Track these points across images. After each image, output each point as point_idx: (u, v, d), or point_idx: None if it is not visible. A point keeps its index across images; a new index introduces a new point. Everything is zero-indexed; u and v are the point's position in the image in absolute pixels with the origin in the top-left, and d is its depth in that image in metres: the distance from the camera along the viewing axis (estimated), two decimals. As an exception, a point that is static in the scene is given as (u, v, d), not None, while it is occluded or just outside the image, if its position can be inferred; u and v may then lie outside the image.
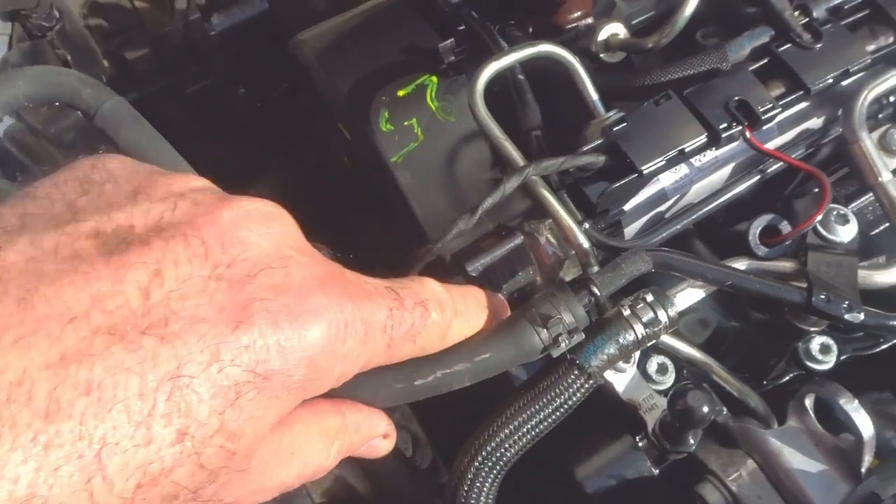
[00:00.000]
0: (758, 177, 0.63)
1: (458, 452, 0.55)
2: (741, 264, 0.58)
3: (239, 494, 0.33)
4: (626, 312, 0.55)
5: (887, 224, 0.63)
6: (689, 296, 0.59)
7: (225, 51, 1.19)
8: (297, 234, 0.36)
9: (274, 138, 1.21)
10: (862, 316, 0.54)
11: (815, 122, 0.67)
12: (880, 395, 0.71)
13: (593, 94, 0.65)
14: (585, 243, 0.58)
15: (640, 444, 0.63)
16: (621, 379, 0.63)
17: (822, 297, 0.54)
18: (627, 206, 0.62)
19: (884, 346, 0.67)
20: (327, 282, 0.35)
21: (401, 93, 0.73)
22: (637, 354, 0.63)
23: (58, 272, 0.29)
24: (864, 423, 0.56)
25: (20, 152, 0.67)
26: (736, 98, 0.59)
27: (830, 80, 0.61)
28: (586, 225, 0.59)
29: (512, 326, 0.54)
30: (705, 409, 0.54)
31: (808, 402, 0.60)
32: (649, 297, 0.55)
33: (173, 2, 1.15)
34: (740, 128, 0.58)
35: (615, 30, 0.71)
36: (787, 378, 0.68)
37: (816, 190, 0.64)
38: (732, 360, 0.68)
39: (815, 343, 0.66)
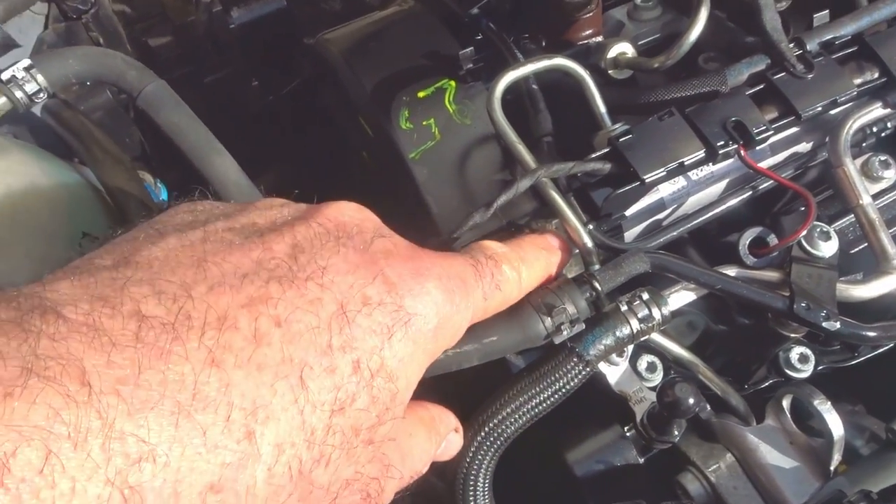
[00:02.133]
0: (749, 192, 0.68)
1: (465, 428, 0.60)
2: (730, 271, 0.63)
3: (394, 459, 0.39)
4: (624, 308, 0.60)
5: (866, 244, 0.68)
6: (681, 297, 0.64)
7: (242, 44, 1.23)
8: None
9: (281, 131, 1.26)
10: (838, 325, 0.59)
11: (804, 147, 0.72)
12: (853, 407, 0.77)
13: (601, 107, 0.70)
14: (589, 243, 0.63)
15: (627, 434, 0.68)
16: (614, 372, 0.68)
17: (803, 305, 0.59)
18: (628, 212, 0.67)
19: (858, 360, 0.73)
20: (420, 249, 0.42)
21: (421, 94, 0.78)
22: (630, 349, 0.68)
23: (215, 248, 0.34)
24: (835, 423, 0.61)
25: (58, 125, 0.71)
26: (733, 119, 0.64)
27: (819, 108, 0.66)
28: (590, 226, 0.64)
29: (519, 313, 0.59)
30: (691, 400, 0.59)
31: (786, 403, 0.65)
32: (645, 296, 0.60)
33: (198, -7, 1.19)
34: (736, 146, 0.63)
35: (624, 49, 0.76)
36: (767, 384, 0.73)
37: (803, 208, 0.70)
38: (717, 363, 0.73)
39: (795, 353, 0.72)
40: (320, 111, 1.01)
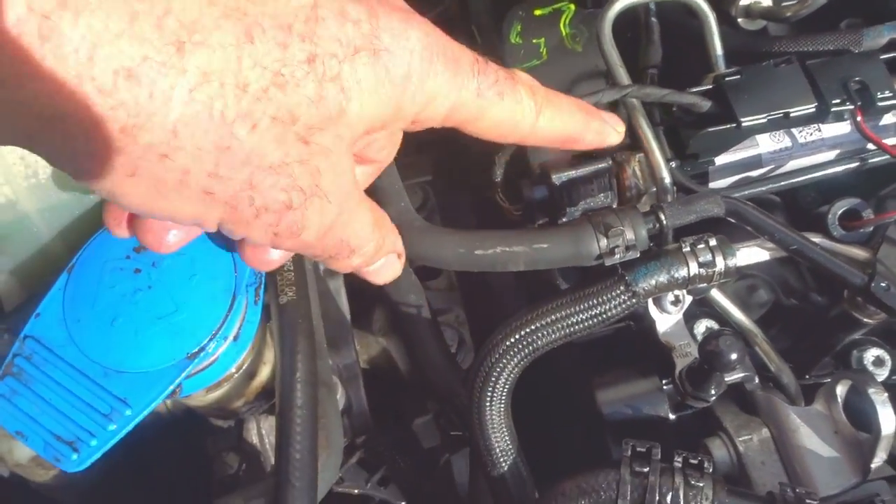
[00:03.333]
0: (856, 164, 0.63)
1: (496, 330, 0.60)
2: (814, 238, 0.59)
3: (328, 191, 0.37)
4: (686, 249, 0.57)
5: (978, 247, 0.62)
6: (752, 254, 0.60)
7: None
8: None
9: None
10: (917, 314, 0.54)
11: (938, 134, 0.65)
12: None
13: (718, 49, 0.66)
14: (668, 178, 0.61)
15: (664, 388, 0.66)
16: (665, 320, 0.65)
17: (883, 285, 0.54)
18: (719, 160, 0.63)
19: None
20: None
21: (538, 12, 0.77)
22: (686, 301, 0.65)
23: None
24: (888, 418, 0.56)
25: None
26: (857, 79, 0.59)
27: (962, 89, 0.60)
28: (673, 163, 0.62)
29: (575, 226, 0.58)
30: (733, 355, 0.56)
31: (840, 389, 0.60)
32: (712, 242, 0.57)
33: None
34: (852, 107, 0.58)
35: (760, -2, 0.72)
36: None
37: (915, 196, 0.64)
38: (781, 345, 0.69)
39: (870, 353, 0.67)
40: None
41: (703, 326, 0.68)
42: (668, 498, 0.54)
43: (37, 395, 0.54)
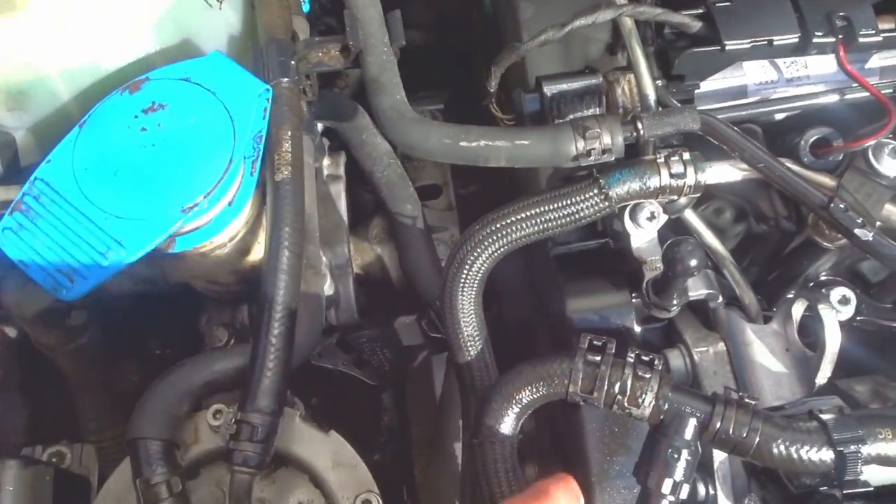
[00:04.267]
0: (836, 97, 0.65)
1: (475, 222, 0.63)
2: (785, 162, 0.61)
3: None
4: (660, 160, 0.60)
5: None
6: (723, 172, 0.63)
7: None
8: None
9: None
10: (871, 236, 0.56)
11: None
12: (886, 381, 0.72)
13: (718, -19, 0.68)
14: (652, 96, 0.64)
15: (633, 300, 0.69)
16: (639, 235, 0.68)
17: (842, 206, 0.57)
18: (705, 85, 0.66)
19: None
20: None
21: (551, -62, 0.79)
22: (661, 218, 0.67)
23: None
24: (833, 335, 0.59)
25: None
26: (842, 14, 0.61)
27: (943, 36, 0.62)
28: (659, 82, 0.64)
29: (556, 127, 0.61)
30: (693, 262, 0.59)
31: (796, 310, 0.63)
32: (685, 156, 0.60)
33: None
34: (834, 40, 0.61)
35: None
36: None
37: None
38: (752, 277, 0.72)
39: (836, 292, 0.69)
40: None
41: (679, 248, 0.71)
42: (616, 388, 0.57)
43: (41, 230, 0.59)
